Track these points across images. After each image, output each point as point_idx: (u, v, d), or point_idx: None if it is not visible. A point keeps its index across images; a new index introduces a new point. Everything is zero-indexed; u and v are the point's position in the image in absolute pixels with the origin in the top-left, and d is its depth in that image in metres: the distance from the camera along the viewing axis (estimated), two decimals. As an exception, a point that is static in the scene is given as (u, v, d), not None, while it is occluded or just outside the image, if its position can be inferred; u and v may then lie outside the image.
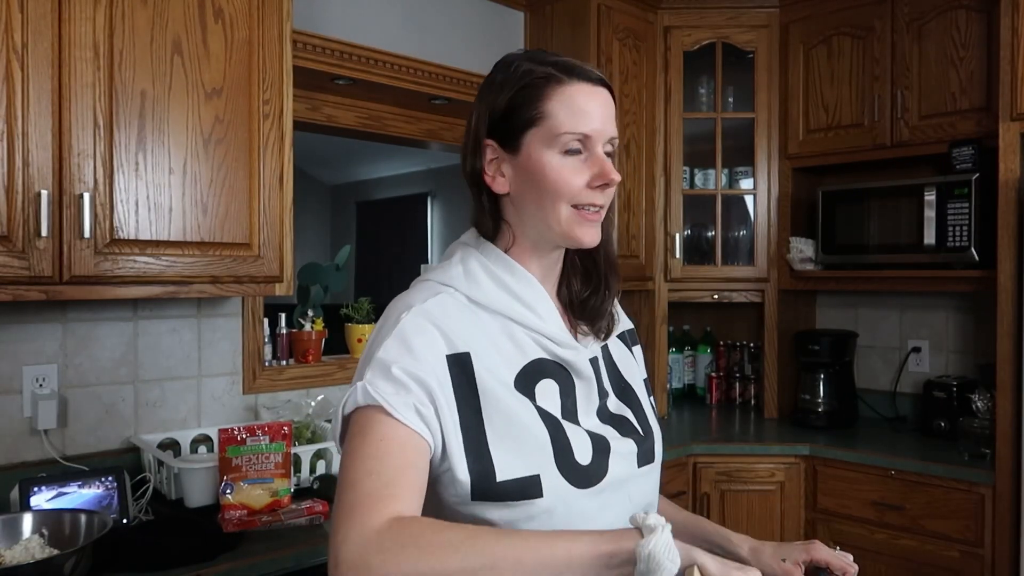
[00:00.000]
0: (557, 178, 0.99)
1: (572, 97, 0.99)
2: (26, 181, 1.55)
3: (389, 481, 0.85)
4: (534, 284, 1.04)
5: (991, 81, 2.52)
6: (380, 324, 1.00)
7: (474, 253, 1.05)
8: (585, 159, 1.00)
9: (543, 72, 1.00)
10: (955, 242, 2.56)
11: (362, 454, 0.87)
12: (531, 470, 0.95)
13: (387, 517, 0.81)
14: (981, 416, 2.50)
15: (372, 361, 0.93)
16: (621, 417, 1.09)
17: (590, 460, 0.99)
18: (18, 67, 1.54)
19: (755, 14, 3.06)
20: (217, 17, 1.82)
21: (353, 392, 0.91)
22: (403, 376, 0.91)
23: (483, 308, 1.01)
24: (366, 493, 0.83)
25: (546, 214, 1.01)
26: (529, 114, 1.00)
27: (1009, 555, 2.29)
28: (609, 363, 1.13)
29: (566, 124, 0.99)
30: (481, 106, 1.05)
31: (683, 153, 3.09)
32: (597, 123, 1.00)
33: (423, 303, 0.98)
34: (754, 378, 3.37)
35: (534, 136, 1.00)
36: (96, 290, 1.68)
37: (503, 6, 3.02)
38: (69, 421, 1.98)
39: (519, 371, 1.00)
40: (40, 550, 1.42)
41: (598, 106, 1.01)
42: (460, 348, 0.96)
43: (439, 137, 2.80)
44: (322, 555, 1.69)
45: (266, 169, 1.91)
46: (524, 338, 1.02)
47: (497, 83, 1.04)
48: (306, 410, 2.27)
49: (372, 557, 0.77)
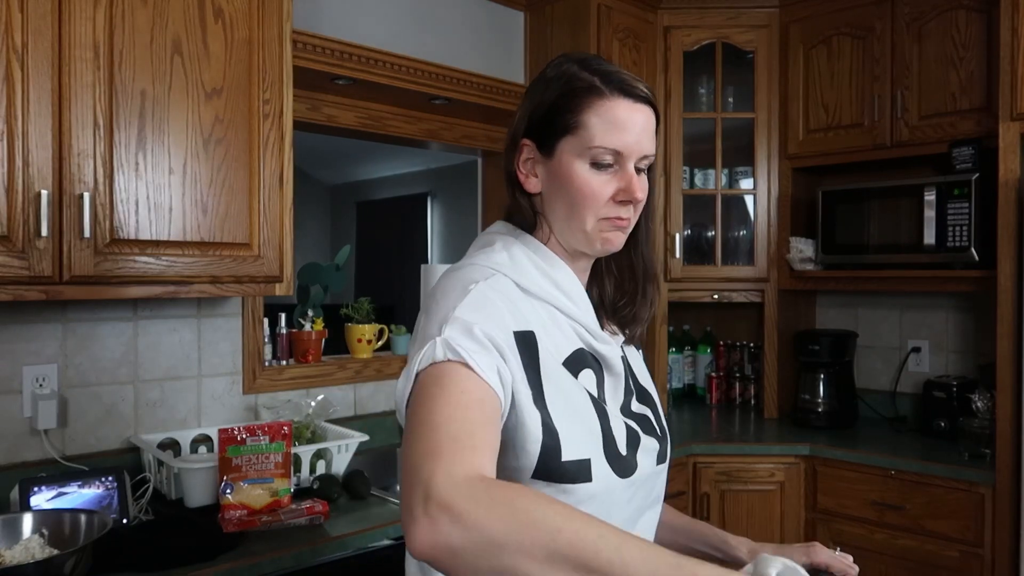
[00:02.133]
0: (583, 188, 1.00)
1: (610, 112, 0.99)
2: (26, 181, 1.55)
3: (471, 431, 0.81)
4: (571, 275, 1.06)
5: (991, 81, 2.52)
6: (439, 295, 0.96)
7: (515, 242, 1.06)
8: (615, 173, 1.01)
9: (587, 81, 1.01)
10: (955, 242, 2.56)
11: (442, 401, 0.83)
12: (585, 454, 0.95)
13: (473, 467, 0.77)
14: (981, 416, 2.50)
15: (450, 320, 0.89)
16: (643, 415, 1.10)
17: (627, 451, 1.00)
18: (18, 67, 1.54)
19: (755, 14, 3.05)
20: (217, 17, 1.82)
21: (431, 346, 0.87)
22: (484, 338, 0.88)
23: (530, 294, 1.01)
24: (451, 437, 0.79)
25: (571, 221, 1.03)
26: (566, 121, 1.01)
27: (1009, 555, 2.29)
28: (627, 363, 1.14)
29: (599, 138, 0.99)
30: (526, 104, 1.06)
31: (683, 153, 3.09)
32: (631, 140, 1.00)
33: (487, 280, 0.97)
34: (754, 378, 3.37)
35: (568, 144, 1.01)
36: (96, 290, 1.68)
37: (503, 6, 3.02)
38: (69, 421, 1.98)
39: (566, 357, 1.00)
40: (40, 550, 1.42)
41: (636, 123, 1.01)
42: (525, 326, 0.96)
43: (439, 137, 2.80)
44: (322, 555, 1.69)
45: (266, 169, 1.91)
46: (567, 327, 1.03)
47: (543, 83, 1.04)
48: (306, 410, 2.27)
49: (462, 502, 0.72)
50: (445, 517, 0.71)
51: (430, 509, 0.72)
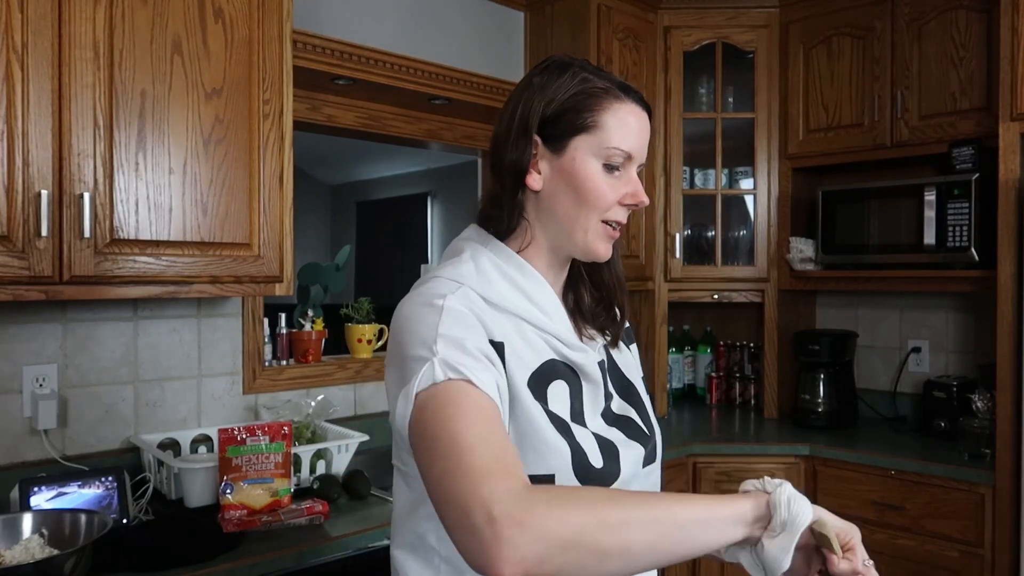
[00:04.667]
0: (596, 188, 1.02)
1: (626, 115, 1.03)
2: (26, 181, 1.55)
3: (506, 447, 0.84)
4: (544, 285, 1.05)
5: (991, 81, 2.52)
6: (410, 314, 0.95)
7: (484, 251, 1.04)
8: (619, 176, 1.03)
9: (603, 84, 1.03)
10: (955, 242, 2.56)
11: (466, 421, 0.83)
12: (547, 470, 0.95)
13: (522, 481, 0.80)
14: (981, 416, 2.50)
15: (438, 339, 0.89)
16: (626, 418, 1.09)
17: (602, 464, 0.99)
18: (18, 67, 1.54)
19: (755, 14, 3.06)
20: (217, 17, 1.82)
21: (429, 367, 0.87)
22: (478, 353, 0.90)
23: (496, 307, 1.00)
24: (494, 456, 0.81)
25: (574, 221, 1.03)
26: (583, 120, 1.02)
27: (1009, 555, 2.29)
28: (611, 363, 1.13)
29: (615, 139, 1.01)
30: (533, 100, 1.04)
31: (683, 153, 3.08)
32: (638, 145, 1.04)
33: (454, 293, 0.97)
34: (754, 378, 3.37)
35: (582, 142, 1.02)
36: (96, 290, 1.68)
37: (503, 6, 3.02)
38: (69, 421, 1.98)
39: (533, 371, 0.99)
40: (40, 550, 1.42)
41: (643, 129, 1.05)
42: (496, 337, 0.96)
43: (439, 137, 2.80)
44: (322, 555, 1.69)
45: (266, 169, 1.91)
46: (536, 339, 1.01)
47: (554, 81, 1.04)
48: (306, 410, 2.27)
49: (533, 509, 0.76)
50: (522, 532, 0.74)
51: (502, 530, 0.75)
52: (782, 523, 0.82)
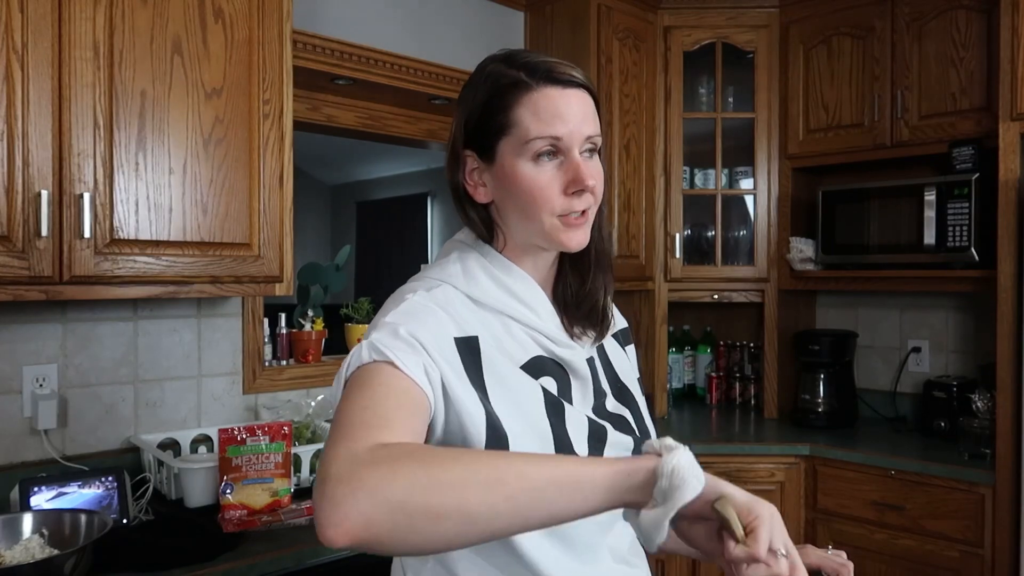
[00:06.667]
0: (531, 188, 0.97)
1: (540, 102, 0.96)
2: (26, 181, 1.55)
3: (385, 416, 0.80)
4: (530, 283, 1.04)
5: (991, 81, 2.52)
6: (382, 310, 0.98)
7: (471, 252, 1.05)
8: (560, 163, 0.97)
9: (511, 78, 0.98)
10: (955, 242, 2.56)
11: (360, 394, 0.82)
12: None
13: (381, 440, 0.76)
14: (981, 416, 2.50)
15: (379, 327, 0.90)
16: (619, 416, 1.09)
17: (589, 452, 0.98)
18: (18, 67, 1.54)
19: (755, 14, 3.06)
20: (217, 17, 1.82)
21: (357, 351, 0.88)
22: (409, 337, 0.88)
23: (482, 306, 1.00)
24: (360, 423, 0.78)
25: (529, 223, 1.00)
26: (499, 122, 0.98)
27: (1009, 555, 2.29)
28: (605, 363, 1.13)
29: (534, 129, 0.96)
30: (459, 114, 1.04)
31: (683, 153, 3.08)
32: (570, 125, 0.96)
33: (428, 291, 0.98)
34: (754, 378, 3.37)
35: (506, 145, 0.98)
36: (96, 290, 1.68)
37: (503, 6, 3.02)
38: (69, 421, 1.98)
39: (520, 366, 0.99)
40: (40, 550, 1.42)
41: (571, 108, 0.97)
42: (469, 332, 0.96)
43: (439, 137, 2.80)
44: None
45: (266, 169, 1.91)
46: (523, 336, 1.01)
47: (471, 89, 1.02)
48: (306, 410, 2.28)
49: (363, 469, 0.70)
50: (345, 491, 0.69)
51: (326, 489, 0.69)
52: (662, 493, 0.74)
